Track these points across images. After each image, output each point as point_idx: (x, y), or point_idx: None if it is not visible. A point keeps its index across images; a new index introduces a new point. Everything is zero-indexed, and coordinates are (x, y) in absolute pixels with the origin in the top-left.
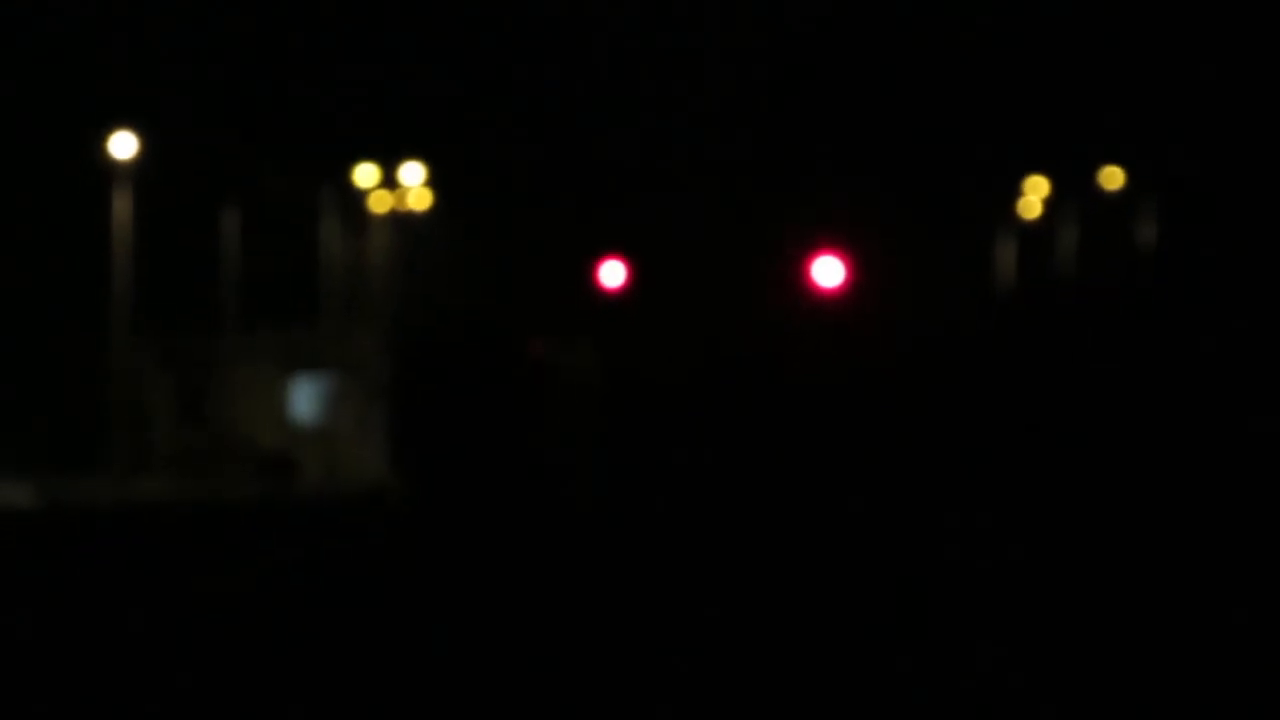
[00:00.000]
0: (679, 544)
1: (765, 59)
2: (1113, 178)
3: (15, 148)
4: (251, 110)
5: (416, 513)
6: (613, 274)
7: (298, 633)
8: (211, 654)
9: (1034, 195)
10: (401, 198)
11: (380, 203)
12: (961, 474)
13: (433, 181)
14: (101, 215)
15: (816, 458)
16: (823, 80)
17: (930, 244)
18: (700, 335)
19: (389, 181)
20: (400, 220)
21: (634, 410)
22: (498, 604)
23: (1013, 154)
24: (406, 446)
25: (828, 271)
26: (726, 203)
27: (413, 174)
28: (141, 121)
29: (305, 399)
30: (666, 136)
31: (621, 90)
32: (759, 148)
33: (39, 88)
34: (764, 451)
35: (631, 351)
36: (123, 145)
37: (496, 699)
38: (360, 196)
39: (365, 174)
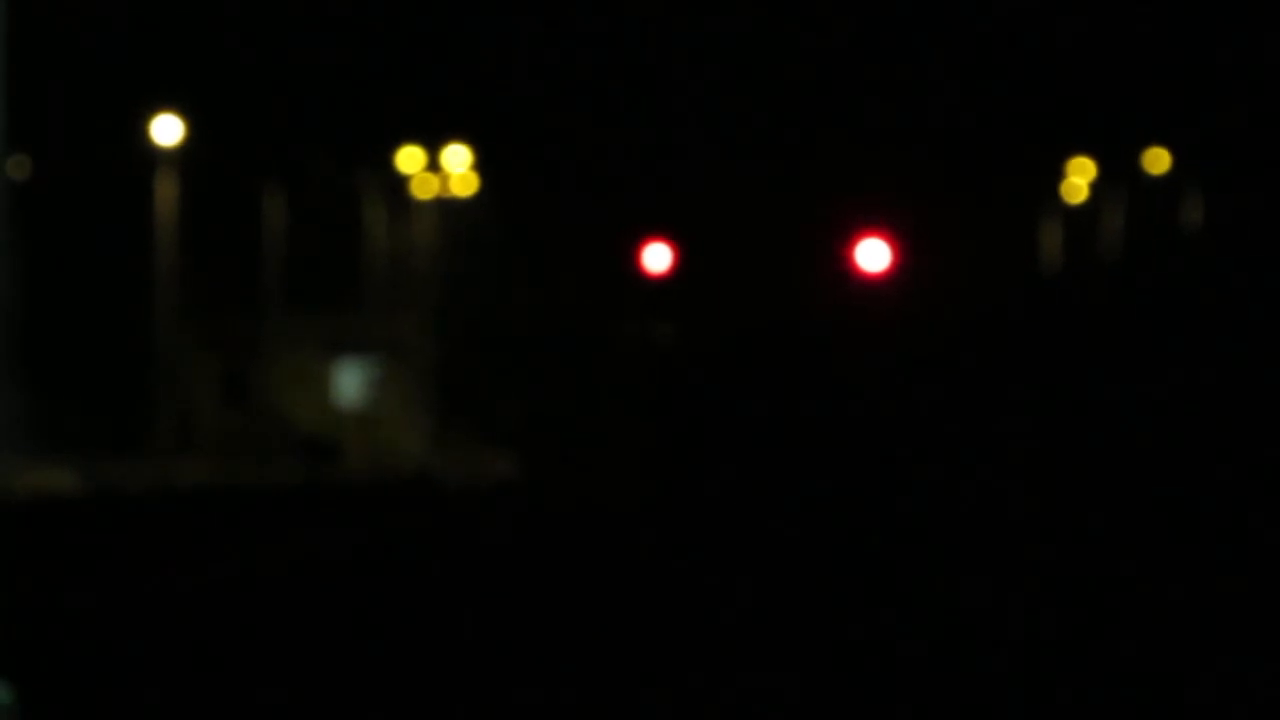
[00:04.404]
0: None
1: (811, 40)
2: (1159, 160)
3: (61, 130)
4: (295, 93)
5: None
6: (658, 258)
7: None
8: (254, 642)
9: (1079, 178)
10: (445, 181)
11: (424, 186)
12: (1005, 460)
13: (477, 165)
14: (145, 199)
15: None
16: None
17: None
18: (750, 318)
19: (433, 165)
20: (444, 204)
21: (683, 390)
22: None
23: (1057, 136)
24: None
25: (873, 255)
26: (773, 186)
27: (457, 157)
28: (186, 105)
29: (349, 383)
30: (709, 119)
31: (663, 75)
32: (803, 131)
33: (85, 71)
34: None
35: (678, 334)
36: (167, 129)
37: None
38: (404, 180)
39: (409, 157)
